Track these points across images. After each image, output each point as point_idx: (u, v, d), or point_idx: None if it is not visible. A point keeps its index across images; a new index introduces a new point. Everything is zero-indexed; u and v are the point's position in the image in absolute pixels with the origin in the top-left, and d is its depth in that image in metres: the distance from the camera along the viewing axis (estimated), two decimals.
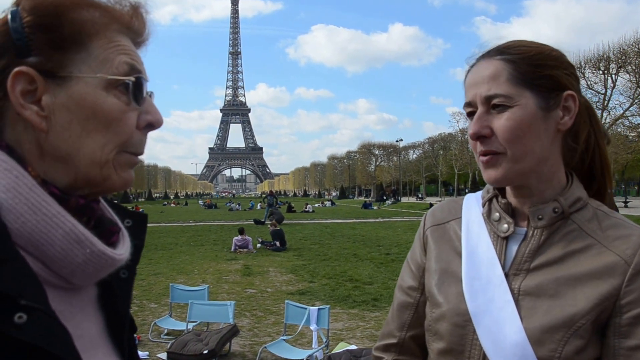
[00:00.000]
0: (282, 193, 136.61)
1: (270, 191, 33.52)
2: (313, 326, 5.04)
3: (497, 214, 0.94)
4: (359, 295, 7.99)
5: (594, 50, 28.05)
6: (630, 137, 28.25)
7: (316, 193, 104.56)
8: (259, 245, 13.98)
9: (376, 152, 77.30)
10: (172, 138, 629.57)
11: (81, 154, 0.58)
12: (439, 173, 60.36)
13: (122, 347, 0.67)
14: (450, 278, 0.95)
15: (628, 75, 26.60)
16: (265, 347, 4.97)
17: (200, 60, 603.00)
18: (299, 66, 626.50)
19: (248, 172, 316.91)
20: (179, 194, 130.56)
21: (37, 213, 0.55)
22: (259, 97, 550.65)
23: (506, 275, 0.89)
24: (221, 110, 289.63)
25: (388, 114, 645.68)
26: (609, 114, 27.25)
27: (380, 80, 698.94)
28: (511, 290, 0.87)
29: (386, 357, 1.06)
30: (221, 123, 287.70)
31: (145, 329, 6.07)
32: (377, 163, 76.43)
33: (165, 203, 65.73)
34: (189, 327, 5.52)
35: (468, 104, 0.90)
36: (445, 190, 63.35)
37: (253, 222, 23.09)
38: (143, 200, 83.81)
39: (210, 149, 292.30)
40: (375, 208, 40.99)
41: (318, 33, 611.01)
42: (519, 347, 0.83)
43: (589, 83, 27.23)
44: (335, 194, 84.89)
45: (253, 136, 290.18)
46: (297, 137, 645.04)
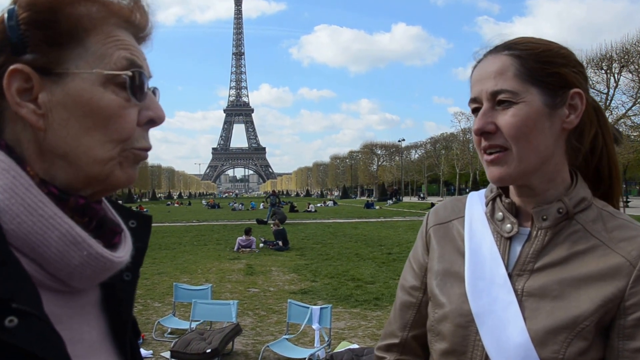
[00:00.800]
0: (285, 193, 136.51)
1: (273, 191, 33.50)
2: (315, 325, 5.07)
3: (501, 213, 0.93)
4: (361, 294, 8.02)
5: (597, 49, 27.96)
6: (632, 137, 28.12)
7: (318, 193, 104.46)
8: (261, 244, 14.04)
9: (378, 152, 77.25)
10: (176, 138, 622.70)
11: (81, 152, 0.57)
12: (440, 173, 60.28)
13: (125, 351, 0.66)
14: (453, 278, 0.94)
15: (631, 74, 26.51)
16: (267, 346, 5.01)
17: (204, 61, 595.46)
18: (302, 66, 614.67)
19: (251, 172, 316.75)
20: (183, 194, 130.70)
21: (33, 214, 0.53)
22: (262, 98, 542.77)
23: (509, 276, 0.88)
24: (225, 111, 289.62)
25: (390, 114, 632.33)
26: (612, 113, 27.13)
27: (382, 81, 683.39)
28: (515, 291, 0.86)
29: (388, 357, 1.05)
30: (224, 123, 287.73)
31: (149, 328, 6.12)
32: (379, 163, 76.37)
33: (169, 203, 65.77)
34: (192, 326, 5.55)
35: (473, 100, 0.89)
36: (446, 190, 63.22)
37: (256, 222, 23.14)
38: (147, 200, 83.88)
39: (213, 149, 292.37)
40: (377, 208, 40.96)
41: (321, 33, 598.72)
42: (522, 348, 0.82)
43: (591, 83, 26.97)
44: (337, 193, 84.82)
45: (256, 136, 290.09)
46: (300, 137, 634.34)
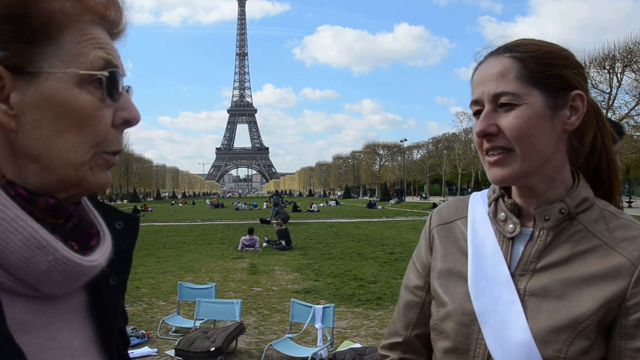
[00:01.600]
0: (288, 193, 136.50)
1: (276, 191, 33.56)
2: (318, 324, 5.10)
3: (503, 214, 0.93)
4: (363, 294, 8.05)
5: (599, 49, 27.96)
6: (635, 137, 28.02)
7: (321, 193, 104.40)
8: (265, 244, 14.09)
9: (381, 152, 77.28)
10: (181, 138, 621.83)
11: (54, 155, 0.54)
12: (442, 173, 60.21)
13: (112, 358, 0.63)
14: (456, 278, 0.95)
15: (634, 74, 26.43)
16: (271, 345, 5.04)
17: (208, 61, 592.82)
18: (305, 67, 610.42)
19: (254, 172, 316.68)
20: (187, 194, 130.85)
21: None
22: (265, 98, 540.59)
23: (512, 276, 0.88)
24: (228, 111, 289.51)
25: (393, 114, 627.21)
26: (614, 113, 27.04)
27: (385, 81, 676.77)
28: (517, 291, 0.87)
29: (392, 356, 1.06)
30: (228, 123, 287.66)
31: (153, 326, 6.19)
32: (382, 163, 76.36)
33: (174, 202, 65.95)
34: (196, 325, 5.60)
35: (475, 102, 0.89)
36: (448, 190, 63.13)
37: (259, 222, 23.20)
38: (151, 199, 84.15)
39: (217, 149, 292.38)
40: (379, 208, 40.95)
41: (324, 34, 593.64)
42: (524, 347, 0.83)
43: (593, 82, 27.05)
44: (340, 193, 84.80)
45: (259, 136, 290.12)
46: (303, 137, 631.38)
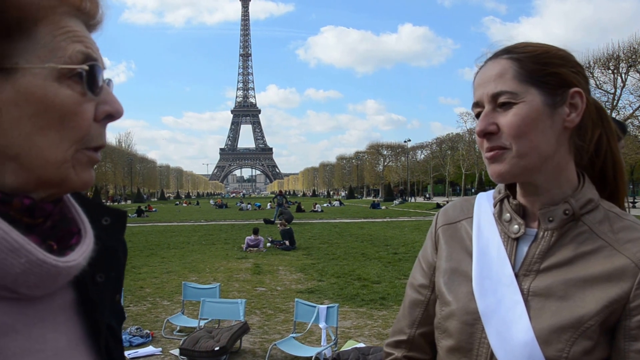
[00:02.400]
0: (292, 193, 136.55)
1: (280, 191, 33.58)
2: (322, 324, 5.10)
3: (508, 214, 0.94)
4: (367, 294, 8.06)
5: (604, 49, 27.80)
6: (639, 137, 27.92)
7: (325, 193, 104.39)
8: (268, 244, 14.12)
9: (384, 153, 77.16)
10: (185, 139, 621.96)
11: (33, 154, 0.52)
12: (446, 173, 60.11)
13: (101, 356, 0.61)
14: (461, 277, 0.95)
15: (638, 74, 26.29)
16: (275, 345, 5.05)
17: (212, 62, 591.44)
18: (309, 67, 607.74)
19: (258, 173, 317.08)
20: (191, 194, 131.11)
21: None
22: (269, 99, 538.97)
23: (516, 276, 0.89)
24: (232, 112, 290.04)
25: (397, 115, 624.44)
26: (619, 113, 26.89)
27: (389, 81, 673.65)
28: (521, 291, 0.87)
29: (396, 354, 1.07)
30: (232, 124, 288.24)
31: (158, 326, 6.23)
32: (385, 163, 76.28)
33: (178, 203, 66.15)
34: (200, 324, 5.63)
35: (476, 104, 0.91)
36: (452, 191, 62.99)
37: (263, 222, 23.24)
38: (155, 199, 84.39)
39: (221, 149, 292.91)
40: (383, 208, 40.91)
41: (328, 34, 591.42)
42: (527, 347, 0.83)
43: (598, 83, 26.95)
44: (344, 194, 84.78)
45: (263, 137, 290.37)
46: (307, 138, 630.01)
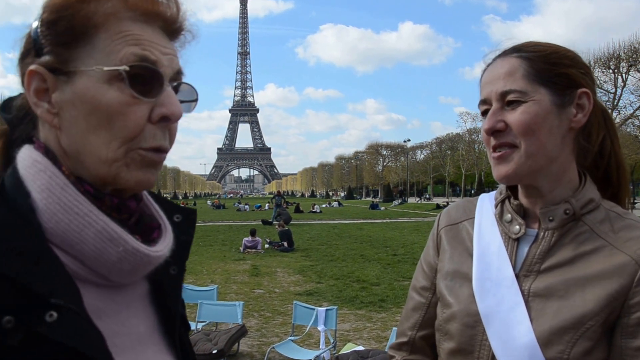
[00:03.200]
0: (290, 193, 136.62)
1: (278, 191, 33.57)
2: (321, 327, 5.05)
3: (509, 215, 0.94)
4: (366, 296, 8.00)
5: (604, 48, 27.80)
6: (639, 138, 27.93)
7: (324, 193, 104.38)
8: (267, 245, 14.04)
9: (384, 153, 77.18)
10: (182, 138, 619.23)
11: (87, 151, 0.57)
12: (446, 174, 60.12)
13: (175, 344, 0.66)
14: (462, 279, 0.95)
15: (639, 74, 26.32)
16: (273, 348, 4.99)
17: (210, 60, 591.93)
18: (308, 66, 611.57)
19: (256, 173, 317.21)
20: (188, 194, 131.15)
21: (70, 212, 0.55)
22: (267, 98, 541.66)
23: (517, 277, 0.89)
24: (230, 111, 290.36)
25: (397, 114, 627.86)
26: (619, 113, 26.96)
27: (389, 80, 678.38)
28: (521, 292, 0.87)
29: (397, 356, 1.07)
30: (230, 123, 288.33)
31: None
32: (385, 163, 76.29)
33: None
34: (198, 327, 5.55)
35: (483, 102, 0.91)
36: (452, 191, 63.01)
37: (261, 223, 23.17)
38: None
39: (218, 149, 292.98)
40: (382, 209, 40.88)
41: (327, 32, 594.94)
42: (527, 348, 0.83)
43: (598, 82, 26.86)
44: (343, 194, 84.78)
45: (261, 136, 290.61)
46: (306, 138, 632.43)
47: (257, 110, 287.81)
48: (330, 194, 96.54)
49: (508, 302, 0.87)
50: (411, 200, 58.06)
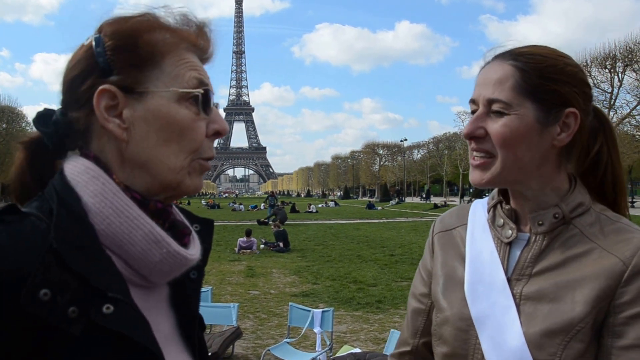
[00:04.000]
0: (286, 193, 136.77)
1: (272, 192, 33.59)
2: (317, 329, 5.03)
3: (501, 219, 0.95)
4: (363, 297, 7.96)
5: (600, 48, 27.91)
6: (637, 137, 28.10)
7: (320, 193, 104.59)
8: (262, 246, 13.98)
9: (380, 152, 77.29)
10: None
11: (158, 161, 0.64)
12: (443, 173, 60.27)
13: (193, 345, 0.71)
14: (455, 283, 0.96)
15: (635, 73, 26.48)
16: (268, 350, 4.96)
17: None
18: (305, 65, 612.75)
19: (251, 172, 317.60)
20: None
21: (121, 216, 0.61)
22: (263, 97, 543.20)
23: (509, 280, 0.90)
24: (225, 110, 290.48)
25: (393, 114, 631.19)
26: (616, 112, 27.12)
27: (386, 79, 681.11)
28: (513, 296, 0.88)
29: None
30: None
31: None
32: (382, 163, 76.43)
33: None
34: None
35: (472, 101, 0.91)
36: (449, 191, 63.21)
37: (256, 223, 23.09)
38: None
39: None
40: (379, 209, 40.92)
41: (324, 31, 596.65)
42: (518, 352, 0.83)
43: (595, 82, 27.08)
44: (340, 194, 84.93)
45: (257, 136, 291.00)
46: (302, 137, 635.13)
47: (253, 110, 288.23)
48: (327, 193, 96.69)
49: (500, 306, 0.88)
50: (409, 200, 58.19)
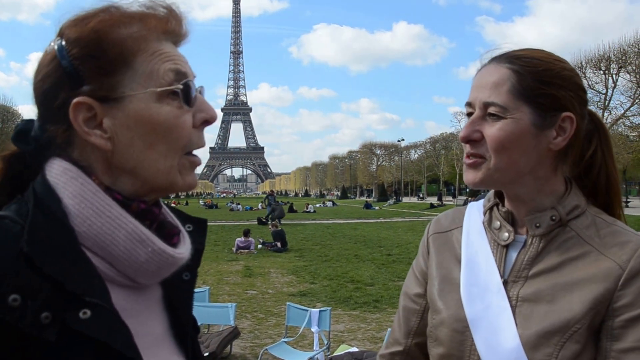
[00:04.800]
0: (284, 193, 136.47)
1: (271, 191, 33.56)
2: (314, 328, 5.03)
3: (498, 222, 0.95)
4: (360, 296, 7.98)
5: (595, 50, 27.97)
6: (631, 137, 28.20)
7: (317, 193, 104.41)
8: (260, 246, 13.98)
9: (377, 152, 77.24)
10: None
11: (146, 166, 0.62)
12: (440, 173, 60.32)
13: (186, 347, 0.69)
14: (451, 285, 0.96)
15: (629, 75, 26.48)
16: (266, 349, 4.97)
17: (203, 59, 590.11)
18: (302, 65, 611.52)
19: (249, 172, 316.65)
20: (180, 194, 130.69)
21: (102, 216, 0.59)
22: (261, 97, 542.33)
23: (505, 283, 0.90)
24: (222, 110, 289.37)
25: (391, 114, 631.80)
26: (610, 113, 27.16)
27: (383, 80, 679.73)
28: (509, 298, 0.88)
29: None
30: (222, 122, 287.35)
31: None
32: (379, 163, 76.39)
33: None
34: None
35: (469, 104, 0.91)
36: (447, 190, 63.25)
37: (257, 222, 23.03)
38: None
39: (211, 148, 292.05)
40: (376, 208, 40.93)
41: (322, 32, 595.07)
42: (513, 353, 0.84)
43: (590, 83, 27.10)
44: (338, 193, 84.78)
45: (254, 136, 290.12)
46: (299, 137, 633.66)
47: (250, 110, 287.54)
48: (325, 193, 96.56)
49: (495, 308, 0.88)
50: (406, 199, 58.18)
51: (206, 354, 4.73)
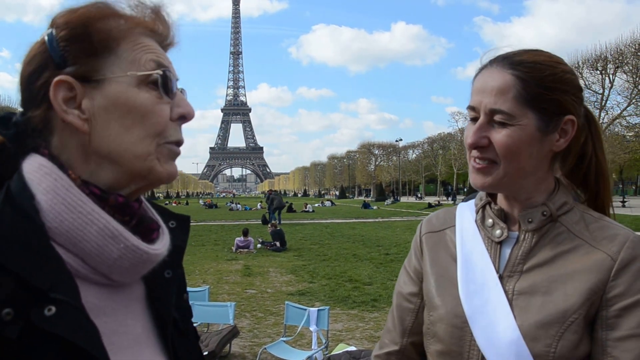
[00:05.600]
0: (283, 193, 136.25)
1: (270, 190, 33.54)
2: (313, 327, 5.04)
3: (491, 220, 0.97)
4: (359, 295, 8.00)
5: (592, 50, 28.02)
6: (627, 137, 28.25)
7: (316, 193, 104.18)
8: (259, 245, 14.00)
9: (376, 152, 77.21)
10: None
11: (123, 149, 0.62)
12: (438, 173, 60.31)
13: (168, 347, 0.68)
14: (448, 282, 0.98)
15: (625, 75, 26.52)
16: (265, 348, 4.98)
17: (204, 59, 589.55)
18: (302, 66, 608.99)
19: (248, 172, 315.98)
20: (180, 194, 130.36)
21: (73, 211, 0.58)
22: (260, 97, 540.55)
23: (501, 278, 0.92)
24: (222, 110, 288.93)
25: (389, 114, 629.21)
26: (607, 113, 27.18)
27: (382, 80, 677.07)
28: (506, 292, 0.91)
29: None
30: (222, 123, 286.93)
31: None
32: (377, 163, 76.34)
33: (167, 202, 65.75)
34: None
35: (472, 108, 0.91)
36: (444, 190, 63.21)
37: (261, 222, 22.90)
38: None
39: (211, 148, 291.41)
40: (375, 208, 40.92)
41: (321, 32, 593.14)
42: (513, 345, 0.86)
43: (586, 83, 27.13)
44: (337, 193, 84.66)
45: (254, 136, 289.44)
46: (298, 137, 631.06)
47: (250, 110, 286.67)
48: (323, 193, 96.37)
49: (492, 302, 0.90)
50: (404, 199, 58.13)
51: (205, 353, 4.77)
